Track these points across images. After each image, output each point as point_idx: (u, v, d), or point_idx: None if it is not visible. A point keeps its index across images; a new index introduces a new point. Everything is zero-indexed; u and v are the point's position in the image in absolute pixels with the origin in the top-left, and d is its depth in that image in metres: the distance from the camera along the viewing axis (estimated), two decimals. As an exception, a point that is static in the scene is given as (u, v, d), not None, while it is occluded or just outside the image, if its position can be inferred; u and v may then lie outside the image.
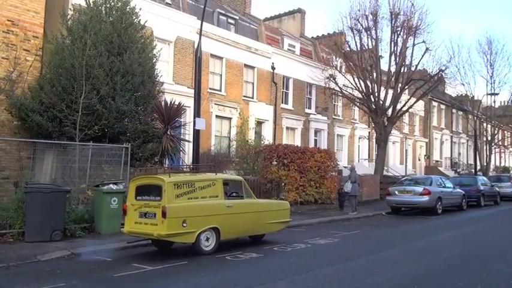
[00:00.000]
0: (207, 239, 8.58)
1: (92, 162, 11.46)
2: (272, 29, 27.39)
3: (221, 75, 21.15)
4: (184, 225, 8.17)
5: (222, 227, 8.74)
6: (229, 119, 21.32)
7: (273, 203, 11.30)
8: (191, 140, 13.21)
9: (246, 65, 22.27)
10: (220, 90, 20.96)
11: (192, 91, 14.94)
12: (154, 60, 13.97)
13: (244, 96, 22.14)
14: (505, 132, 49.48)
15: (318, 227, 13.21)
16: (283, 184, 16.69)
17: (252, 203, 9.82)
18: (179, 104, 13.67)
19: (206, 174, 9.77)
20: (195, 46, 15.19)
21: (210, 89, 20.33)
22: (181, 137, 14.83)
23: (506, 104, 43.86)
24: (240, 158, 18.91)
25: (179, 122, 14.51)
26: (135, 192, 8.76)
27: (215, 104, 20.46)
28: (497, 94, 37.36)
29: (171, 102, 13.49)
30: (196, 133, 11.91)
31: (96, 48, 11.98)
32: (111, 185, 10.66)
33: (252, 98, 22.58)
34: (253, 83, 22.78)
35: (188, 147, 15.65)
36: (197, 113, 11.93)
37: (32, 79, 12.48)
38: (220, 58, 21.06)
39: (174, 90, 17.64)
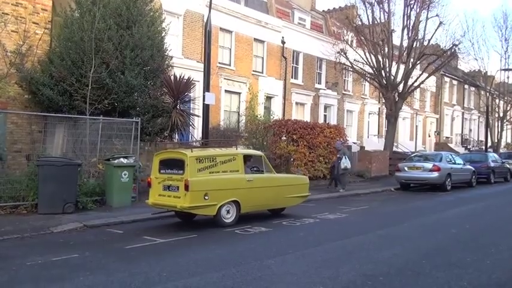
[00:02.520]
0: (228, 212, 8.89)
1: (102, 136, 11.54)
2: (282, 2, 26.86)
3: (230, 49, 20.93)
4: (206, 198, 8.48)
5: (242, 200, 9.03)
6: (239, 93, 21.22)
7: (292, 178, 11.54)
8: (200, 114, 13.19)
9: (255, 39, 22.00)
10: (229, 65, 20.79)
11: (202, 65, 14.84)
12: (163, 34, 13.85)
13: (253, 70, 21.96)
14: (518, 108, 48.70)
15: (326, 202, 13.27)
16: (292, 159, 16.70)
17: (271, 178, 10.08)
18: (188, 78, 13.61)
19: (227, 149, 10.18)
20: (205, 19, 14.99)
21: (219, 63, 20.17)
22: (191, 111, 14.80)
23: (520, 79, 43.02)
24: (249, 133, 18.88)
25: (188, 97, 14.46)
26: (158, 166, 9.01)
27: (224, 78, 20.33)
28: (511, 69, 36.65)
29: (180, 77, 13.42)
30: (206, 108, 11.89)
31: (105, 21, 11.88)
32: (122, 159, 10.76)
33: (262, 72, 22.39)
34: (262, 58, 22.55)
35: (198, 122, 15.65)
36: (207, 88, 11.88)
37: (42, 52, 12.46)
38: (230, 32, 20.81)
39: (183, 65, 17.52)
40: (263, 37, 22.31)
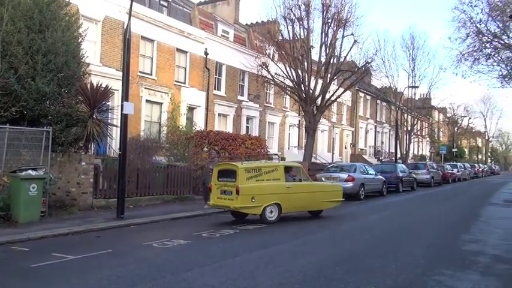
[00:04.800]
0: (271, 212, 11.00)
1: (9, 146, 10.73)
2: (206, 13, 27.02)
3: (152, 58, 20.56)
4: (253, 200, 10.69)
5: (282, 203, 11.13)
6: (160, 104, 20.84)
7: (326, 185, 13.96)
8: (119, 124, 12.74)
9: (178, 49, 21.83)
10: (151, 74, 20.39)
11: (121, 74, 14.38)
12: (79, 40, 13.26)
13: (176, 81, 21.73)
14: (423, 122, 53.08)
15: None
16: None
17: (308, 185, 12.24)
18: (106, 86, 13.10)
19: (271, 161, 12.86)
20: (125, 27, 14.59)
21: (140, 72, 19.71)
22: (109, 121, 14.25)
23: (424, 96, 47.00)
24: (170, 144, 18.62)
25: (106, 106, 13.91)
26: (217, 175, 11.27)
27: (145, 88, 19.88)
28: (417, 87, 39.77)
29: (97, 85, 12.89)
30: (124, 118, 11.47)
31: (14, 23, 11.13)
32: (30, 171, 10.06)
33: (184, 83, 22.23)
34: (185, 68, 22.41)
35: (116, 132, 15.12)
36: (125, 97, 11.49)
37: None
38: (152, 41, 20.46)
39: (102, 73, 16.89)
40: (186, 47, 22.20)
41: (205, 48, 23.13)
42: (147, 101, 20.11)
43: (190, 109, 22.33)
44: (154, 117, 20.65)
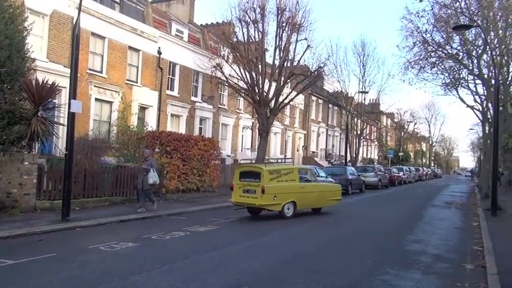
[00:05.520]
0: (288, 209, 12.57)
1: None
2: (160, 12, 26.57)
3: (103, 56, 19.93)
4: (275, 198, 12.17)
5: (297, 201, 12.74)
6: (111, 102, 20.23)
7: (329, 186, 15.61)
8: (66, 123, 12.26)
9: (130, 48, 21.30)
10: (101, 72, 19.75)
11: (69, 71, 13.86)
12: (24, 34, 12.66)
13: (127, 79, 21.18)
14: (372, 127, 54.92)
15: (199, 214, 13.28)
16: (165, 172, 16.42)
17: (316, 185, 14.05)
18: (53, 83, 12.57)
19: (288, 164, 14.14)
20: (74, 22, 14.08)
21: (89, 69, 19.05)
22: (55, 119, 13.68)
23: (374, 101, 48.64)
24: (120, 144, 18.13)
25: (53, 104, 13.34)
26: (239, 175, 12.72)
27: (95, 86, 19.23)
28: (367, 92, 41.06)
29: (43, 81, 12.34)
30: (72, 116, 11.05)
31: (-49, 14, 10.46)
32: (-33, 171, 9.46)
33: (136, 82, 21.72)
34: (137, 67, 21.90)
35: (62, 131, 14.53)
36: (73, 95, 11.08)
37: None
38: (103, 38, 19.84)
39: (48, 69, 16.19)
40: (138, 46, 21.71)
41: (159, 47, 22.74)
42: (96, 99, 19.46)
43: (142, 109, 21.86)
44: (104, 117, 20.02)
